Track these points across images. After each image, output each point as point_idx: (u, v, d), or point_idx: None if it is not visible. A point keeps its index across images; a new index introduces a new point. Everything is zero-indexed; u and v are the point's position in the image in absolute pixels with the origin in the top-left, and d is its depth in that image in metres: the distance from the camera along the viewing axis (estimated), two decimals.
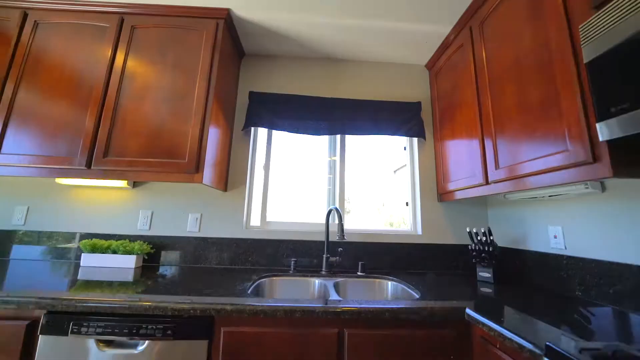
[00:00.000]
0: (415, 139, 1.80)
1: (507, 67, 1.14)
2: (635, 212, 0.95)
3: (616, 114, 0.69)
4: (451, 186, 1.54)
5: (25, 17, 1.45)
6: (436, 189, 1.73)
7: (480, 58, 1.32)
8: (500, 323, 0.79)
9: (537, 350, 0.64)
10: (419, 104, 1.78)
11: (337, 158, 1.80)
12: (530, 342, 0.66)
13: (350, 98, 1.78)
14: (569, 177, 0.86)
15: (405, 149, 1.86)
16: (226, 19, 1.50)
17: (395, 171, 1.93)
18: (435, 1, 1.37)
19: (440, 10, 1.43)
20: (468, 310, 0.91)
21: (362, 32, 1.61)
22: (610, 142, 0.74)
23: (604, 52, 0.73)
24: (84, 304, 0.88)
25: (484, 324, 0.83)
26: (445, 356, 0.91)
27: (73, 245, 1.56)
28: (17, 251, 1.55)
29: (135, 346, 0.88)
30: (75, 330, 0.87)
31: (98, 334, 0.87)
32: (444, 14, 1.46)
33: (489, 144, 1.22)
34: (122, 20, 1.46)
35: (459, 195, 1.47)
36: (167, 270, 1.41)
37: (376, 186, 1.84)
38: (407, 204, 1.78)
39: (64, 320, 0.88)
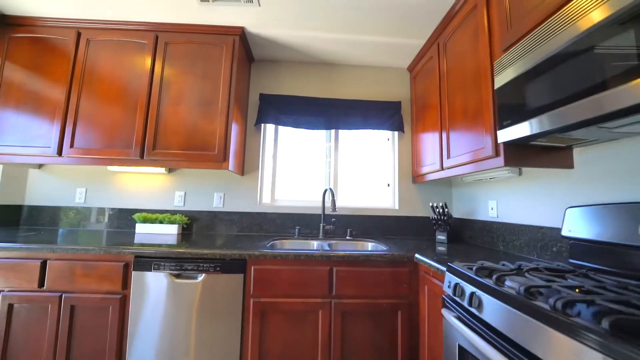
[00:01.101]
0: (396, 132, 2.19)
1: (459, 80, 1.51)
2: (539, 189, 1.37)
3: (506, 126, 1.09)
4: (422, 170, 1.95)
5: (79, 35, 1.80)
6: (411, 172, 2.14)
7: (443, 70, 1.68)
8: (431, 259, 1.24)
9: (443, 268, 1.08)
10: (399, 103, 2.15)
11: (332, 148, 2.20)
12: (441, 264, 1.11)
13: (343, 98, 2.15)
14: (485, 166, 1.27)
15: (388, 139, 2.25)
16: (241, 35, 1.84)
17: (379, 158, 2.33)
18: (410, 20, 1.71)
19: (415, 28, 1.77)
20: (416, 255, 1.36)
21: (350, 43, 1.95)
22: (504, 143, 1.14)
23: (503, 84, 1.11)
24: (160, 251, 1.33)
25: (423, 262, 1.28)
26: (401, 284, 1.37)
27: (122, 217, 2.01)
28: (80, 223, 2.00)
29: (196, 277, 1.33)
30: (155, 267, 1.33)
31: (170, 270, 1.33)
32: (419, 30, 1.79)
33: (444, 139, 1.62)
34: (157, 38, 1.80)
35: (427, 177, 1.89)
36: (202, 235, 1.86)
37: (364, 170, 2.25)
38: (388, 185, 2.20)
39: (147, 261, 1.33)
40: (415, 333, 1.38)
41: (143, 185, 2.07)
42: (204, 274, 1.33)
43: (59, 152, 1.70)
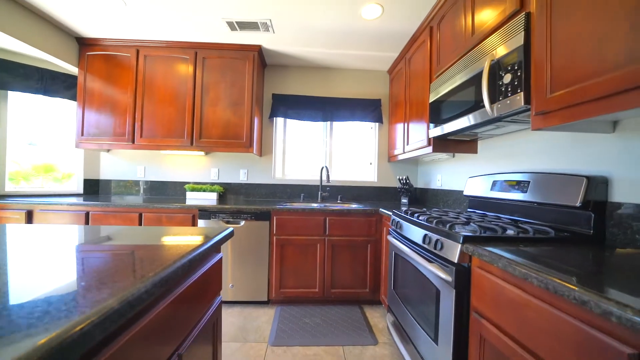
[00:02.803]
0: (377, 123, 2.84)
1: (415, 88, 2.14)
2: (462, 167, 2.06)
3: (432, 127, 1.77)
4: (394, 153, 2.63)
5: (138, 52, 2.40)
6: (387, 154, 2.83)
7: (407, 78, 2.30)
8: (387, 210, 1.97)
9: (390, 213, 1.81)
10: (380, 100, 2.79)
11: (328, 135, 2.87)
12: (391, 212, 1.84)
13: (336, 97, 2.78)
14: (423, 152, 1.96)
15: (371, 128, 2.91)
16: (259, 51, 2.44)
17: (364, 143, 3.00)
18: (387, 40, 2.29)
19: (390, 45, 2.36)
20: (380, 209, 2.10)
21: (343, 55, 2.55)
22: (432, 138, 1.82)
23: (431, 101, 1.77)
24: (215, 207, 2.07)
25: (384, 213, 2.01)
26: (370, 228, 2.12)
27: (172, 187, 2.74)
28: (142, 191, 2.73)
29: (239, 222, 2.09)
30: (212, 217, 2.07)
31: (222, 218, 2.07)
32: (393, 47, 2.39)
33: (406, 130, 2.29)
34: (196, 54, 2.41)
35: (398, 158, 2.57)
36: (233, 200, 2.60)
37: (352, 152, 2.93)
38: (370, 163, 2.90)
39: (206, 213, 2.08)
40: (378, 258, 2.15)
41: (186, 164, 2.77)
42: (244, 221, 2.08)
43: (132, 141, 2.38)
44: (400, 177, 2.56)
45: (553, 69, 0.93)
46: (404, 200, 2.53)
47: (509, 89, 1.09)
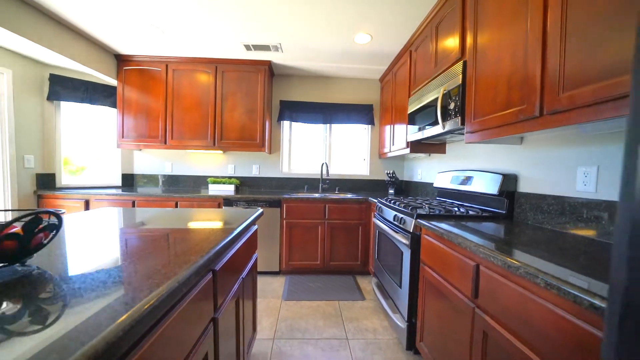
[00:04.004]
0: (369, 125, 3.31)
1: (399, 98, 2.61)
2: (435, 164, 2.55)
3: (411, 132, 2.24)
4: (383, 151, 3.11)
5: (167, 67, 2.85)
6: (378, 152, 3.32)
7: (394, 89, 2.76)
8: (374, 198, 2.47)
9: (377, 203, 2.31)
10: (372, 105, 3.25)
11: (327, 136, 3.34)
12: (376, 200, 2.34)
13: (334, 102, 3.24)
14: (403, 152, 2.44)
15: (365, 129, 3.38)
16: (269, 65, 2.88)
17: (359, 142, 3.47)
18: (377, 58, 2.73)
19: (381, 61, 2.80)
20: (369, 198, 2.60)
21: (339, 67, 3.00)
22: (410, 141, 2.30)
23: (409, 112, 2.24)
24: (237, 195, 2.57)
25: (372, 201, 2.52)
26: (361, 213, 2.63)
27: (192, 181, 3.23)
28: (170, 184, 3.23)
29: (256, 209, 2.59)
30: (234, 205, 2.58)
31: (243, 205, 2.58)
32: (383, 62, 2.83)
33: (392, 133, 2.77)
34: (217, 68, 2.86)
35: (387, 155, 3.06)
36: (249, 191, 3.10)
37: (348, 150, 3.41)
38: (364, 159, 3.39)
39: (229, 201, 2.58)
40: (367, 237, 2.67)
41: (207, 161, 3.26)
42: (260, 208, 2.59)
43: (165, 142, 2.86)
44: (388, 172, 3.05)
45: (476, 103, 1.41)
46: (391, 191, 3.03)
47: (453, 113, 1.57)
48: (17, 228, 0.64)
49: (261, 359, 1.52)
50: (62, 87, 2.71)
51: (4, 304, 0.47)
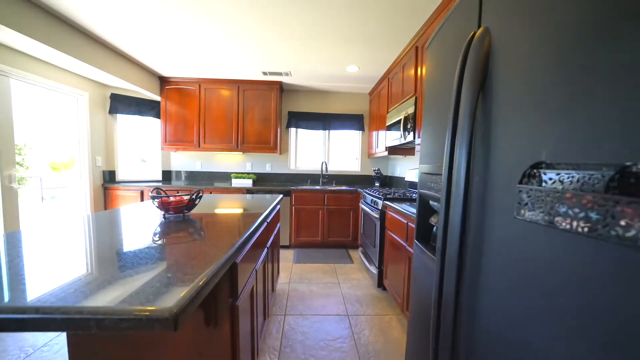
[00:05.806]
0: (360, 131, 4.08)
1: (382, 111, 3.37)
2: (409, 163, 3.33)
3: (389, 139, 3.02)
4: (372, 152, 3.88)
5: (200, 86, 3.61)
6: (367, 152, 4.09)
7: (377, 103, 3.52)
8: (362, 189, 3.26)
9: (363, 192, 3.10)
10: (362, 115, 4.02)
11: (326, 139, 4.12)
12: (363, 191, 3.13)
13: (332, 113, 4.01)
14: (383, 154, 3.22)
15: (357, 134, 4.16)
16: (280, 84, 3.64)
17: (352, 145, 4.25)
18: (364, 80, 3.49)
19: (368, 82, 3.56)
20: (359, 189, 3.38)
21: (335, 85, 3.76)
22: (388, 146, 3.07)
23: (387, 125, 3.01)
24: (257, 187, 3.37)
25: (360, 191, 3.30)
26: (353, 200, 3.43)
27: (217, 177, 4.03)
28: (201, 179, 4.02)
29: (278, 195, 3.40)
30: (255, 194, 3.38)
31: (262, 194, 3.38)
32: (369, 82, 3.59)
33: (377, 137, 3.54)
34: (239, 87, 3.62)
35: (375, 155, 3.83)
36: (263, 184, 3.89)
37: (343, 151, 4.18)
38: (356, 158, 4.17)
39: (252, 192, 3.38)
40: (357, 219, 3.47)
41: (228, 159, 4.05)
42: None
43: (199, 146, 3.65)
44: (375, 169, 3.84)
45: (421, 124, 2.18)
46: (377, 184, 3.82)
47: (411, 130, 2.34)
48: (184, 198, 1.43)
49: (281, 293, 2.33)
50: (119, 103, 3.48)
51: (182, 230, 1.26)
